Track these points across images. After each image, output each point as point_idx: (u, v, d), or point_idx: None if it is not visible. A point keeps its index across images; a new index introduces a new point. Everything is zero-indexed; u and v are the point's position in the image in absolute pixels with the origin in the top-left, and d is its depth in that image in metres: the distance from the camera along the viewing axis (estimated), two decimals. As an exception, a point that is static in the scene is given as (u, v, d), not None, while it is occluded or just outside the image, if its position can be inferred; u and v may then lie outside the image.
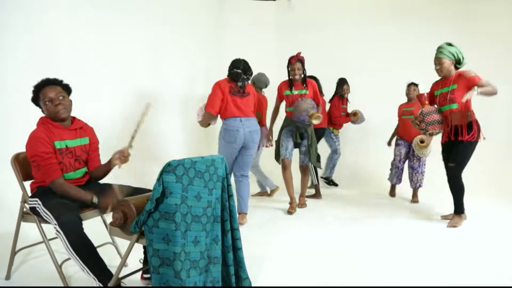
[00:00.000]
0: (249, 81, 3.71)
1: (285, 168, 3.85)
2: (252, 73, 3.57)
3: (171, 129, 4.91)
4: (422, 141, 3.98)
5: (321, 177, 5.13)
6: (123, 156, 2.22)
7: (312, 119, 3.62)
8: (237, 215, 2.66)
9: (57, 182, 2.07)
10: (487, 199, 4.17)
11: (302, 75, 3.76)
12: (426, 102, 3.32)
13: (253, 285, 2.11)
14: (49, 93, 2.13)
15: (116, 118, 4.07)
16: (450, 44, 3.20)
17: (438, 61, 3.21)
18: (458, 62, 3.22)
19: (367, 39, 5.58)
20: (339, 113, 4.81)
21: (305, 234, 3.14)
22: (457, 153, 3.25)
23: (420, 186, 4.26)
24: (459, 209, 3.31)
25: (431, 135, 3.38)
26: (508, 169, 4.75)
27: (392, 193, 4.52)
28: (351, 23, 5.65)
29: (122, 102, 4.19)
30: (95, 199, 2.06)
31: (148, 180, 3.14)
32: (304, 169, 3.97)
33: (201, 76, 5.28)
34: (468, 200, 3.34)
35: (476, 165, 4.86)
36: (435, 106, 3.33)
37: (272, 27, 6.12)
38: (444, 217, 3.48)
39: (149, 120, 4.52)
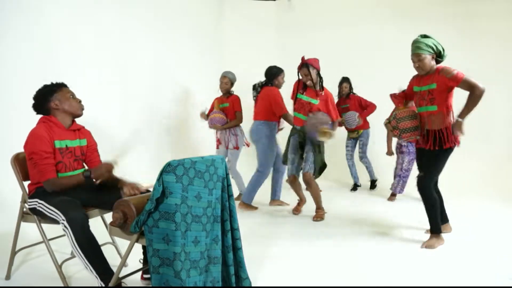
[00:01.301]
0: (271, 85, 3.94)
1: (292, 183, 3.67)
2: (272, 77, 3.93)
3: (171, 129, 4.90)
4: None
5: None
6: (133, 189, 2.12)
7: (320, 136, 3.30)
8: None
9: (51, 181, 2.08)
10: (487, 199, 4.17)
11: (319, 81, 3.50)
12: (408, 104, 3.01)
13: (253, 285, 2.11)
14: (69, 91, 2.25)
15: (116, 119, 4.07)
16: (426, 36, 2.77)
17: (417, 58, 2.74)
18: (438, 55, 2.79)
19: (367, 39, 5.58)
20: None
21: (305, 234, 3.13)
22: (430, 160, 2.80)
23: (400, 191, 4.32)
24: (435, 228, 2.82)
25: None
26: (508, 170, 4.75)
27: (392, 199, 4.35)
28: (351, 23, 5.65)
29: (122, 102, 4.19)
30: (86, 173, 2.08)
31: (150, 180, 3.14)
32: (307, 180, 3.49)
33: (202, 76, 5.28)
34: (468, 201, 3.35)
35: (476, 165, 4.89)
36: (410, 108, 2.96)
37: (272, 27, 6.12)
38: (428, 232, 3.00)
39: (149, 121, 4.55)
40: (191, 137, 5.18)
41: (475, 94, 2.57)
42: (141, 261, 2.17)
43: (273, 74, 3.92)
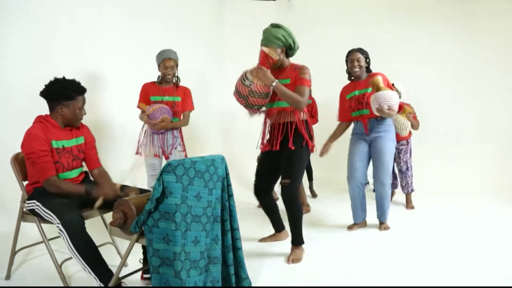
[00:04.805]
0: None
1: None
2: None
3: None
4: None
5: None
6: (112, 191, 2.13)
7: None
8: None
9: (50, 180, 2.07)
10: (487, 199, 4.16)
11: None
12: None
13: (253, 285, 2.11)
14: (83, 102, 2.26)
15: (115, 118, 4.07)
16: (276, 26, 2.58)
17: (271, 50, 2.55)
18: (289, 48, 2.61)
19: (367, 39, 5.56)
20: None
21: (304, 234, 3.13)
22: (288, 164, 2.51)
23: (412, 190, 3.94)
24: (298, 239, 2.60)
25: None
26: (508, 169, 4.75)
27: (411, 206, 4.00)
28: (351, 23, 5.65)
29: (121, 102, 4.18)
30: (88, 188, 2.08)
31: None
32: None
33: (201, 76, 5.28)
34: (468, 201, 3.31)
35: (476, 165, 4.88)
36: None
37: (272, 27, 6.12)
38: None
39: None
40: (191, 136, 5.17)
41: (296, 99, 2.42)
42: (141, 261, 2.17)
43: None
